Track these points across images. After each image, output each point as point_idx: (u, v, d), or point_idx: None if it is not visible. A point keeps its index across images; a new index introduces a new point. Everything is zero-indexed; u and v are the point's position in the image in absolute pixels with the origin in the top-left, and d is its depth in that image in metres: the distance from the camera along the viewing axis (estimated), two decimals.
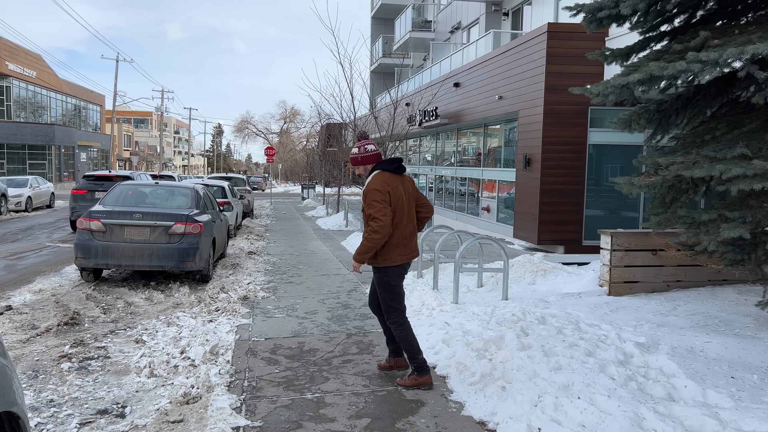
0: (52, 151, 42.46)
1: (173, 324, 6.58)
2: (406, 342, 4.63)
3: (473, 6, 21.42)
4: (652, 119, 6.39)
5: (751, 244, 5.30)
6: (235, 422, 4.03)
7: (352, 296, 8.18)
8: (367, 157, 4.66)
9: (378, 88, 28.76)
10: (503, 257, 7.46)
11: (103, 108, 58.73)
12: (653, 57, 5.55)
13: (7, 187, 21.10)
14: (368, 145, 4.69)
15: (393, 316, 4.65)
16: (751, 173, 4.61)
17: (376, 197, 4.47)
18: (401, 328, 4.63)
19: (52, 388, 4.74)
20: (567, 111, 12.24)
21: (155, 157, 78.80)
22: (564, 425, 3.70)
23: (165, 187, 10.08)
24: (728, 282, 7.28)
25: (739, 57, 4.65)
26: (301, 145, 60.61)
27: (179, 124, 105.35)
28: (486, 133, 16.54)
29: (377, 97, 27.54)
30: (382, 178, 4.56)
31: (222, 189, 15.69)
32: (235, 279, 9.44)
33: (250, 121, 75.42)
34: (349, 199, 28.11)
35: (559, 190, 12.47)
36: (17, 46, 41.94)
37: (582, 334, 5.25)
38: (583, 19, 6.16)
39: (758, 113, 5.38)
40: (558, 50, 12.18)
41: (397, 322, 4.64)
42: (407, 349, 4.64)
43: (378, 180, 4.54)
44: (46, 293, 8.20)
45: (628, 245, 7.22)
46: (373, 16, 34.05)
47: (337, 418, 4.14)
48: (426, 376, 4.63)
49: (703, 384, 4.14)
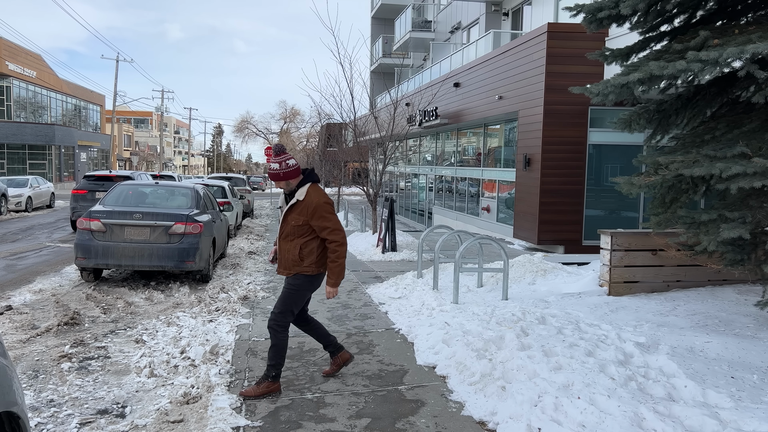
0: (52, 151, 42.46)
1: (173, 324, 6.58)
2: (282, 348, 4.57)
3: (473, 6, 21.42)
4: (652, 119, 6.39)
5: (751, 244, 5.29)
6: (235, 422, 4.03)
7: (352, 296, 8.18)
8: (290, 172, 4.56)
9: (378, 88, 28.75)
10: (503, 257, 7.46)
11: (103, 108, 58.73)
12: (653, 57, 5.55)
13: (7, 187, 21.10)
14: (289, 159, 4.58)
15: (287, 319, 4.58)
16: (751, 171, 4.61)
17: (329, 210, 4.53)
18: (285, 333, 4.58)
19: (52, 388, 4.74)
20: (567, 111, 12.24)
21: (155, 157, 78.80)
22: (564, 425, 3.71)
23: (165, 187, 10.09)
24: (728, 282, 7.28)
25: (739, 56, 4.65)
26: (301, 145, 60.56)
27: (179, 124, 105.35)
28: (486, 133, 16.54)
29: (377, 97, 27.53)
30: (322, 191, 4.63)
31: (222, 189, 15.69)
32: (235, 279, 9.44)
33: (250, 121, 75.39)
34: (349, 199, 28.12)
35: (559, 190, 12.47)
36: (17, 46, 41.94)
37: (582, 334, 5.25)
38: (583, 19, 6.16)
39: (758, 113, 5.38)
40: (558, 50, 12.18)
41: (285, 327, 4.58)
42: (278, 355, 4.56)
43: (320, 192, 4.59)
44: (46, 293, 8.21)
45: (628, 245, 7.21)
46: (373, 16, 34.05)
47: (337, 418, 4.14)
48: (278, 383, 4.61)
49: (703, 384, 4.14)
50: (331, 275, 4.59)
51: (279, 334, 4.56)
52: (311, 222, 4.49)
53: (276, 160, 4.55)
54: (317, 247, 4.58)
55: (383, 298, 7.96)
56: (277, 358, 4.56)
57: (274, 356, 4.56)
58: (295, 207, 4.55)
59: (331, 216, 4.52)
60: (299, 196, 4.54)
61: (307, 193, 4.55)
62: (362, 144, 15.94)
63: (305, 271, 4.57)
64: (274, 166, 4.55)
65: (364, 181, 15.21)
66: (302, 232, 4.53)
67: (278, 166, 4.53)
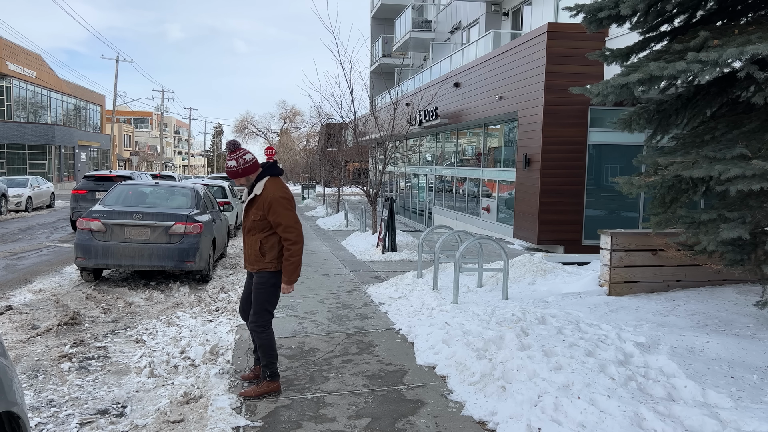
0: (52, 151, 42.45)
1: (173, 324, 6.58)
2: (270, 347, 4.53)
3: (473, 6, 21.42)
4: (652, 119, 6.39)
5: (751, 244, 5.30)
6: (235, 422, 4.03)
7: (352, 296, 8.18)
8: (248, 167, 4.44)
9: (378, 88, 28.75)
10: (503, 257, 7.46)
11: (103, 108, 58.72)
12: (653, 57, 5.55)
13: (7, 187, 21.11)
14: (246, 154, 4.45)
15: (265, 318, 4.51)
16: (750, 174, 4.61)
17: (284, 205, 4.36)
18: (267, 332, 4.53)
19: (52, 388, 4.74)
20: (567, 111, 12.24)
21: (155, 157, 78.79)
22: (564, 425, 3.71)
23: (165, 187, 10.09)
24: (728, 282, 7.28)
25: (739, 57, 4.65)
26: (301, 145, 60.56)
27: (179, 124, 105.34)
28: (486, 133, 16.54)
29: (377, 97, 27.53)
30: (281, 184, 4.47)
31: (222, 189, 15.70)
32: (235, 279, 9.44)
33: (250, 121, 75.37)
34: (349, 199, 28.12)
35: (559, 190, 12.47)
36: (17, 46, 41.94)
37: (582, 334, 5.25)
38: (583, 19, 6.16)
39: (758, 113, 5.38)
40: (558, 50, 12.18)
41: (266, 326, 4.52)
42: (269, 354, 4.52)
43: (278, 186, 4.42)
44: (46, 293, 8.21)
45: (628, 245, 7.22)
46: (373, 16, 34.04)
47: (337, 418, 4.14)
48: (277, 382, 4.58)
49: (703, 384, 4.14)
50: (285, 273, 4.46)
51: (261, 334, 4.51)
52: (268, 217, 4.37)
53: (232, 156, 4.38)
54: (278, 242, 4.45)
55: (383, 298, 7.96)
56: (268, 357, 4.54)
57: (264, 355, 4.54)
58: (253, 202, 4.42)
59: (286, 212, 4.35)
60: (257, 191, 4.41)
61: (264, 187, 4.40)
62: (362, 144, 15.95)
63: (267, 268, 4.46)
64: (231, 163, 4.37)
65: (364, 181, 15.21)
66: (262, 227, 4.41)
67: (235, 163, 4.37)
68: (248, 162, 4.44)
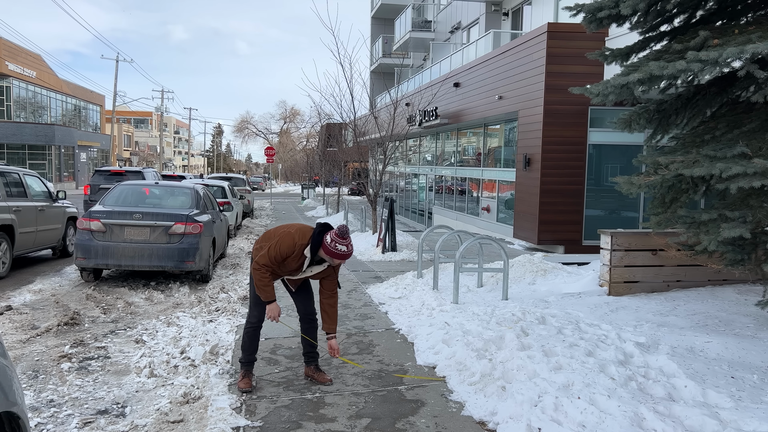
0: (52, 151, 42.48)
1: (173, 324, 6.58)
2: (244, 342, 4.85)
3: (473, 6, 21.42)
4: (652, 119, 6.39)
5: (751, 243, 5.29)
6: (235, 422, 4.03)
7: (352, 296, 8.18)
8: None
9: (378, 88, 28.74)
10: (503, 257, 7.46)
11: (103, 108, 58.72)
12: (653, 57, 5.55)
13: None
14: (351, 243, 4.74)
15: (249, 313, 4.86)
16: (751, 171, 4.61)
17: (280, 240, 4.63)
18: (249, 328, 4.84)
19: (52, 388, 4.74)
20: (567, 111, 12.24)
21: (155, 157, 78.77)
22: (564, 425, 3.70)
23: (165, 187, 10.08)
24: (728, 282, 7.28)
25: (739, 56, 4.65)
26: (301, 145, 60.60)
27: (179, 124, 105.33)
28: (486, 133, 16.54)
29: (377, 97, 27.52)
30: (302, 240, 4.68)
31: (222, 189, 15.70)
32: (235, 279, 9.44)
33: (250, 121, 75.43)
34: (349, 199, 28.11)
35: (559, 190, 12.47)
36: (17, 46, 41.96)
37: (582, 334, 5.25)
38: (583, 19, 6.16)
39: (758, 113, 5.38)
40: (558, 50, 12.17)
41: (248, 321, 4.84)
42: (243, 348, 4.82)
43: (299, 236, 4.67)
44: (46, 293, 8.21)
45: (628, 245, 7.21)
46: (373, 16, 34.04)
47: (337, 418, 4.14)
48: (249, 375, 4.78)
49: (703, 384, 4.14)
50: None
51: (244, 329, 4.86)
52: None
53: (344, 243, 4.56)
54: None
55: (383, 298, 7.96)
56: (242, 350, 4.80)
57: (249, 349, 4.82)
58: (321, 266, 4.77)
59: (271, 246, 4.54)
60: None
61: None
62: (362, 144, 15.94)
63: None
64: (344, 249, 4.53)
65: (364, 181, 15.20)
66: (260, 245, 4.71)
67: (346, 248, 4.56)
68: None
